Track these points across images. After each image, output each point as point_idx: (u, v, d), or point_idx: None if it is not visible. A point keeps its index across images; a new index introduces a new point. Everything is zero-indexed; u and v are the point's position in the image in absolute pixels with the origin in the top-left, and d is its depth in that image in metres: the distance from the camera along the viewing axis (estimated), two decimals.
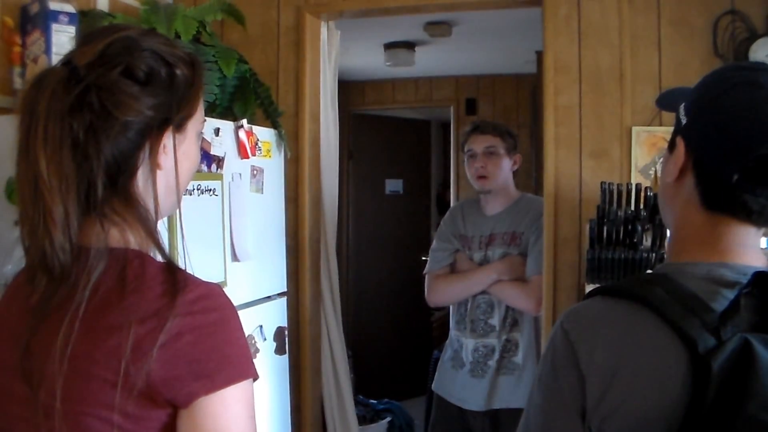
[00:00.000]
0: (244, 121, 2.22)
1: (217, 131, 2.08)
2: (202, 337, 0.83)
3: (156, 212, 0.93)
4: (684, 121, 0.93)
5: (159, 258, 0.91)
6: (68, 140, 0.86)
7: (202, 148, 1.44)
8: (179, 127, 0.95)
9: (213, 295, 0.88)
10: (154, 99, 0.90)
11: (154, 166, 0.92)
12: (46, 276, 0.87)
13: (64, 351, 0.83)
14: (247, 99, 2.30)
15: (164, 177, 0.94)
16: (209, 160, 2.05)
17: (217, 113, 2.18)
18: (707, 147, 0.89)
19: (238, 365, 0.85)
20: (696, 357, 0.80)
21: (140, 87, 0.89)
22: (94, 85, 0.87)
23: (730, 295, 0.85)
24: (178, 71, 0.93)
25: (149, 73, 0.90)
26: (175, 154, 0.94)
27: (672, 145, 0.96)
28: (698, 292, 0.85)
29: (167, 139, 0.93)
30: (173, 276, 0.87)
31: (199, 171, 1.93)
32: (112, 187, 0.90)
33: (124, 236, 0.90)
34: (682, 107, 0.94)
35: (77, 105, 0.86)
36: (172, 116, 0.92)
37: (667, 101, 1.06)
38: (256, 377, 0.88)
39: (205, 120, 1.03)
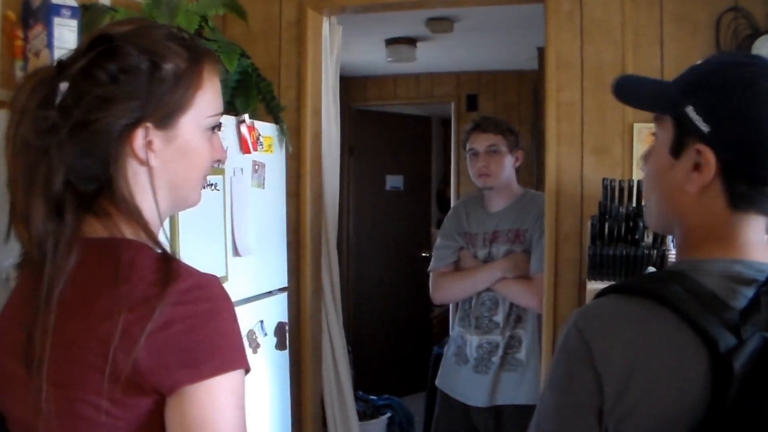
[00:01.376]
0: (246, 116, 2.22)
1: (219, 126, 2.08)
2: (192, 327, 0.84)
3: (157, 207, 0.94)
4: (706, 128, 0.87)
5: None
6: (36, 136, 0.88)
7: None
8: (165, 124, 0.93)
9: (206, 285, 0.88)
10: (125, 96, 0.89)
11: (133, 162, 0.92)
12: (30, 267, 0.91)
13: (52, 337, 0.85)
14: (249, 94, 2.30)
15: (161, 174, 0.94)
16: None
17: None
18: (746, 157, 0.86)
19: (227, 355, 0.85)
20: (716, 356, 0.79)
21: (110, 85, 0.89)
22: (68, 81, 0.88)
23: (747, 292, 0.84)
24: (166, 65, 0.92)
25: (123, 69, 0.89)
26: (152, 151, 0.93)
27: (679, 150, 0.91)
28: (715, 289, 0.84)
29: (153, 137, 0.92)
30: (167, 265, 0.87)
31: None
32: (95, 183, 0.91)
33: (118, 228, 0.91)
34: (691, 110, 0.88)
35: (47, 102, 0.88)
36: (145, 113, 0.91)
37: (629, 93, 1.01)
38: (247, 369, 0.88)
39: (217, 114, 1.00)
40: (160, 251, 0.90)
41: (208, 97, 0.98)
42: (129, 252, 0.89)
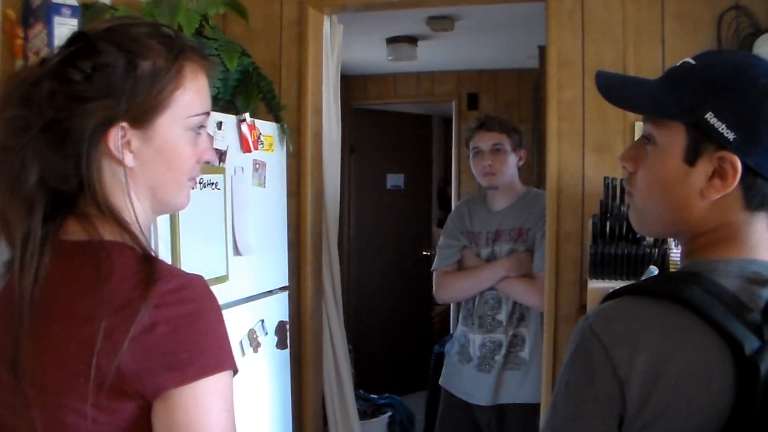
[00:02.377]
0: (247, 115, 2.21)
1: (219, 125, 2.08)
2: (176, 329, 0.82)
3: (133, 208, 0.92)
4: (731, 136, 0.84)
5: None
6: (11, 135, 0.89)
7: None
8: (141, 123, 0.91)
9: (190, 286, 0.86)
10: (98, 94, 0.88)
11: (111, 162, 0.91)
12: (9, 269, 0.91)
13: (36, 342, 0.85)
14: (250, 93, 2.30)
15: (140, 174, 0.93)
16: None
17: (219, 107, 2.18)
18: None
19: (212, 357, 0.84)
20: (742, 359, 0.78)
21: (83, 83, 0.88)
22: (40, 83, 0.88)
23: (763, 293, 0.83)
24: (143, 63, 0.90)
25: (97, 66, 0.88)
26: (130, 151, 0.91)
27: (695, 157, 0.87)
28: (735, 290, 0.83)
29: (131, 136, 0.90)
30: (150, 267, 0.86)
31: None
32: (71, 183, 0.90)
33: (96, 230, 0.90)
34: (712, 117, 0.85)
35: (25, 102, 0.88)
36: (120, 112, 0.89)
37: (624, 96, 0.99)
38: (234, 370, 0.87)
39: (201, 114, 0.97)
40: (141, 252, 0.89)
41: (188, 97, 0.94)
42: (108, 253, 0.87)
